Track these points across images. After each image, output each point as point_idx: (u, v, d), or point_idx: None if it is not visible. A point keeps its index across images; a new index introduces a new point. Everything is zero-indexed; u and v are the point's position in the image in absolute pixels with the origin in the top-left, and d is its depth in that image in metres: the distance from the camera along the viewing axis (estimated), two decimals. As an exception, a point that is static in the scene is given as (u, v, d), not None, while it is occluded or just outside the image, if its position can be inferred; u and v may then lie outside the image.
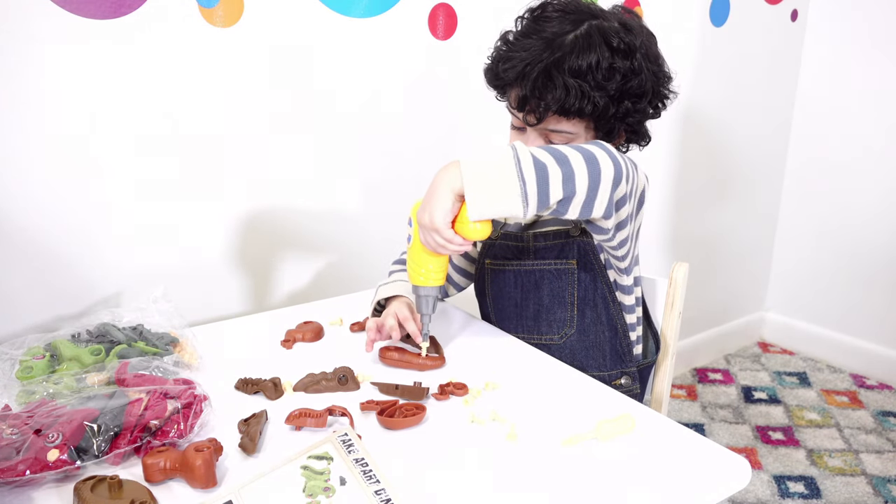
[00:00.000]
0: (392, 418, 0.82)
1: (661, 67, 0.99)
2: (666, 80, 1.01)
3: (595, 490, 0.70)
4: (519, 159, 0.81)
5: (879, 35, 2.16)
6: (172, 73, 1.20)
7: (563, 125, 0.98)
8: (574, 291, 1.05)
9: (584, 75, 0.93)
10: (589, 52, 0.93)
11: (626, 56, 0.94)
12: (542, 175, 0.81)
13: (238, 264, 1.36)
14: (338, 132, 1.41)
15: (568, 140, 0.98)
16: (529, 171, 0.81)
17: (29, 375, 0.89)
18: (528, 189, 0.81)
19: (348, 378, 0.93)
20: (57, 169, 1.13)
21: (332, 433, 0.77)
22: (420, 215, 0.87)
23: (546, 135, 1.00)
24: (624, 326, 1.06)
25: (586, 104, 0.93)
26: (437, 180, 0.85)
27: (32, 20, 1.06)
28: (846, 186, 2.31)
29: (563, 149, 0.84)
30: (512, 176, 0.81)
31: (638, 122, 1.00)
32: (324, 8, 1.34)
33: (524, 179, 0.81)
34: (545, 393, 0.92)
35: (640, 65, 0.95)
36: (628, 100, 0.96)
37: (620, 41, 0.94)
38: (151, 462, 0.71)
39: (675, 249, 2.21)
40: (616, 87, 0.94)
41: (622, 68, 0.94)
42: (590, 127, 0.99)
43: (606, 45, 0.93)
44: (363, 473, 0.69)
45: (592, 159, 0.83)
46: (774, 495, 1.74)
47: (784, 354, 2.50)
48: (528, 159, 0.81)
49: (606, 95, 0.94)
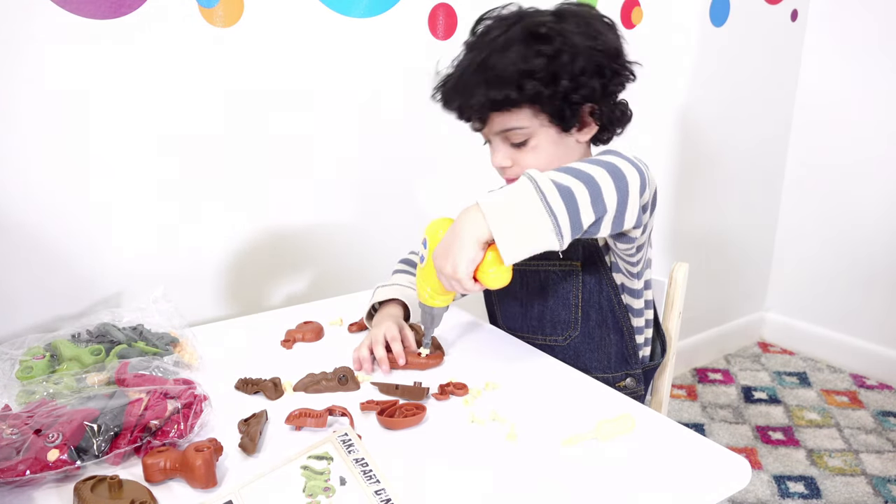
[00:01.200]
0: (392, 418, 0.82)
1: (603, 43, 0.95)
2: (612, 55, 0.96)
3: (595, 490, 0.70)
4: (542, 191, 0.78)
5: (879, 35, 2.16)
6: (172, 73, 1.20)
7: (510, 120, 0.95)
8: (579, 293, 1.04)
9: (506, 67, 0.91)
10: (509, 44, 0.93)
11: (548, 40, 0.92)
12: (570, 201, 0.78)
13: (238, 264, 1.36)
14: (338, 132, 1.41)
15: (526, 136, 0.96)
16: (556, 201, 0.78)
17: (29, 375, 0.89)
18: (559, 221, 0.78)
19: (348, 378, 0.93)
20: (57, 169, 1.13)
21: (332, 433, 0.77)
22: (440, 262, 0.85)
23: (504, 137, 0.98)
24: (630, 329, 1.05)
25: (512, 91, 0.92)
26: (459, 228, 0.82)
27: (32, 20, 1.06)
28: (846, 186, 2.31)
29: (582, 165, 0.82)
30: (539, 211, 0.78)
31: (593, 99, 0.95)
32: (324, 8, 1.34)
33: (553, 212, 0.78)
34: (545, 393, 0.92)
35: (571, 43, 0.92)
36: (565, 79, 0.92)
37: (544, 26, 0.92)
38: (151, 462, 0.71)
39: (675, 249, 2.21)
40: (542, 68, 0.91)
41: (547, 51, 0.91)
42: (539, 115, 0.95)
43: (530, 34, 0.92)
44: (363, 473, 0.69)
45: (615, 170, 0.81)
46: (774, 495, 1.74)
47: (784, 354, 2.50)
48: (551, 189, 0.79)
49: (534, 78, 0.91)
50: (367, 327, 1.11)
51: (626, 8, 1.80)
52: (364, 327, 1.13)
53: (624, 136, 1.04)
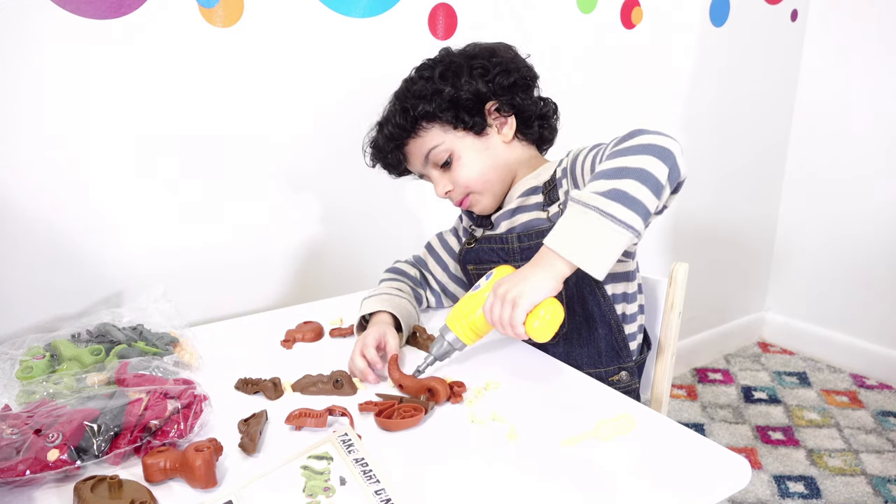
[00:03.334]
0: (390, 419, 0.82)
1: (474, 48, 1.06)
2: (485, 55, 1.04)
3: (595, 490, 0.70)
4: (585, 202, 0.81)
5: (880, 35, 2.16)
6: (172, 73, 1.20)
7: (423, 144, 1.04)
8: (562, 290, 1.03)
9: (393, 105, 1.05)
10: (396, 90, 1.07)
11: (430, 67, 1.04)
12: (619, 194, 0.80)
13: (238, 264, 1.36)
14: (338, 132, 1.41)
15: (447, 152, 1.03)
16: (605, 203, 0.80)
17: (29, 375, 0.89)
18: (619, 216, 0.79)
19: (344, 382, 0.92)
20: (57, 169, 1.13)
21: (332, 433, 0.77)
22: (504, 287, 0.84)
23: (433, 164, 1.05)
24: (618, 321, 1.05)
25: (399, 117, 1.03)
26: (537, 262, 0.84)
27: (32, 20, 1.06)
28: (846, 186, 2.31)
29: (615, 162, 0.84)
30: (596, 219, 0.79)
31: (483, 97, 1.02)
32: (324, 8, 1.34)
33: (610, 214, 0.79)
34: (545, 393, 0.92)
35: (448, 61, 1.04)
36: (446, 87, 1.01)
37: (425, 61, 1.06)
38: (151, 462, 0.71)
39: (675, 249, 2.21)
40: (422, 87, 1.02)
41: (427, 74, 1.03)
42: (445, 127, 1.03)
43: (415, 71, 1.07)
44: (363, 473, 0.69)
45: (648, 147, 0.83)
46: (774, 495, 1.74)
47: (784, 354, 2.50)
48: (594, 198, 0.80)
49: (417, 99, 1.02)
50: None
51: (626, 8, 1.80)
52: (345, 334, 1.12)
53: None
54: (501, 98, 1.04)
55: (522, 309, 0.82)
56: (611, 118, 1.84)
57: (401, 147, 1.06)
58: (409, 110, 1.02)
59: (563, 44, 1.72)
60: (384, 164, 1.10)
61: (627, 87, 1.89)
